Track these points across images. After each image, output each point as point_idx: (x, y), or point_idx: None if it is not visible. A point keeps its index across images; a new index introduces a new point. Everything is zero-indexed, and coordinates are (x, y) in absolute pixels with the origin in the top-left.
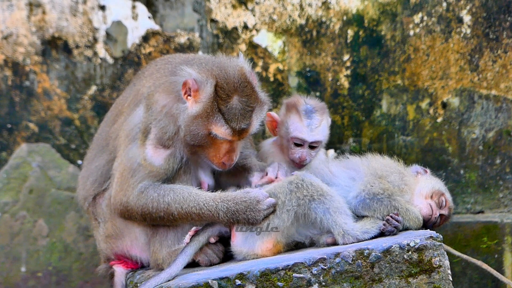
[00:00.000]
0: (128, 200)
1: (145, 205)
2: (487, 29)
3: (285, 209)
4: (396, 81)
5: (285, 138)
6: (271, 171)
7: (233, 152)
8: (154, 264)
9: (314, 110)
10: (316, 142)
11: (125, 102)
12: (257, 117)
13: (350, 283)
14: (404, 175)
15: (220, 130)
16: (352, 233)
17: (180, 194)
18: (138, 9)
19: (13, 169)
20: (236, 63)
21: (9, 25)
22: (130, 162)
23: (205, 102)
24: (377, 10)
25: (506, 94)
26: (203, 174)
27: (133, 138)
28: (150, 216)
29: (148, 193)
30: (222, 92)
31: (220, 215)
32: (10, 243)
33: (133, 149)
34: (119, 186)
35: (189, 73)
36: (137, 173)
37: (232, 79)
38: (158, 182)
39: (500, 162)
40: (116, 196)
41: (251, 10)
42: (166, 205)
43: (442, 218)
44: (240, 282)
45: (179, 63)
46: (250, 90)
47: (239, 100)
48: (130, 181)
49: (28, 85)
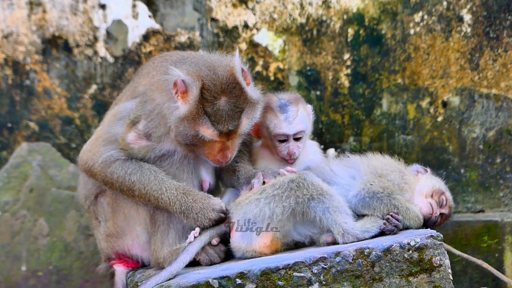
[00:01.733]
0: (94, 165)
1: (110, 178)
2: (488, 28)
3: (281, 204)
4: (397, 80)
5: (268, 138)
6: (256, 183)
7: (227, 150)
8: (155, 263)
9: (288, 102)
10: (299, 133)
11: (122, 97)
12: (248, 117)
13: (350, 282)
14: (404, 174)
15: (207, 132)
16: (352, 232)
17: (147, 175)
18: (138, 8)
19: (13, 168)
20: (227, 63)
21: (10, 24)
22: (109, 135)
23: (191, 104)
24: (378, 9)
25: (507, 93)
26: (204, 172)
27: (120, 118)
28: (111, 186)
29: (114, 169)
30: (208, 94)
31: (176, 206)
32: (10, 242)
33: (117, 127)
34: (89, 147)
35: (178, 75)
36: (110, 145)
37: (220, 80)
38: (125, 157)
39: (501, 161)
40: (84, 154)
41: (252, 9)
42: (131, 183)
43: (443, 217)
44: (241, 281)
45: (174, 62)
46: (238, 91)
47: (226, 101)
48: (100, 148)
49: (29, 84)
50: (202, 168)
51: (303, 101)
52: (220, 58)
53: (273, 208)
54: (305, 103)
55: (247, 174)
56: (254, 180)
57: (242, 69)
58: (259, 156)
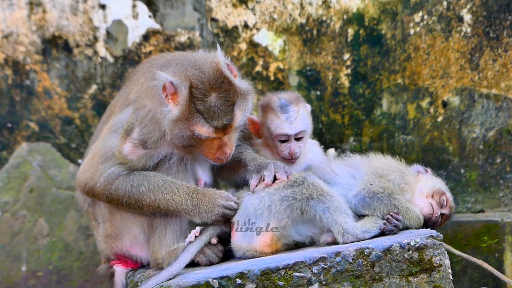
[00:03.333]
0: (95, 186)
1: (115, 195)
2: (488, 28)
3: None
4: (397, 80)
5: (269, 138)
6: (268, 176)
7: (226, 146)
8: (154, 264)
9: (289, 102)
10: (300, 133)
11: (116, 103)
12: (241, 109)
13: (350, 282)
14: (405, 174)
15: (203, 130)
16: (352, 232)
17: (155, 183)
18: (138, 8)
19: (13, 168)
20: (211, 59)
21: (10, 24)
22: (105, 150)
23: (183, 105)
24: (378, 9)
25: (507, 93)
26: (200, 171)
27: (114, 130)
28: (117, 203)
29: (119, 185)
30: (197, 93)
31: (188, 202)
32: (10, 242)
33: (112, 139)
34: (87, 167)
35: (165, 77)
36: (108, 161)
37: (207, 77)
38: (127, 171)
39: (501, 161)
40: (82, 174)
41: (252, 9)
42: (139, 194)
43: (443, 218)
44: (241, 281)
45: (160, 66)
46: (227, 85)
47: (217, 97)
48: (99, 166)
49: (29, 84)
50: (197, 167)
51: (304, 101)
52: (203, 55)
53: (272, 197)
54: (305, 102)
55: (256, 162)
56: (265, 173)
57: (226, 63)
58: (259, 155)
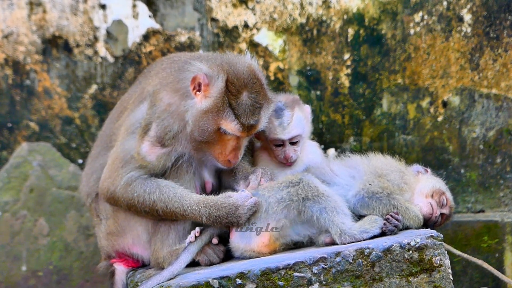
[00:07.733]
0: (116, 190)
1: (131, 199)
2: (488, 28)
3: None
4: (397, 80)
5: (266, 141)
6: (253, 180)
7: (239, 150)
8: (154, 263)
9: (284, 106)
10: (294, 138)
11: (130, 99)
12: (265, 114)
13: (350, 282)
14: (404, 174)
15: (230, 126)
16: (349, 233)
17: (166, 193)
18: (138, 8)
19: (13, 168)
20: (244, 60)
21: (10, 24)
22: (124, 153)
23: (216, 97)
24: (378, 9)
25: (507, 93)
26: (207, 173)
27: (132, 131)
28: (136, 209)
29: (134, 187)
30: (232, 88)
31: (203, 219)
32: (10, 242)
33: (130, 141)
34: (108, 173)
35: (200, 68)
36: (128, 165)
37: (242, 75)
38: (146, 175)
39: (501, 161)
40: (104, 182)
41: (252, 9)
42: (152, 202)
43: (443, 217)
44: (241, 281)
45: (186, 60)
46: (259, 86)
47: (248, 96)
48: (119, 171)
49: (29, 84)
50: (204, 169)
51: (300, 103)
52: (235, 56)
53: (268, 198)
54: (303, 104)
55: (245, 171)
56: (251, 176)
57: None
58: (258, 158)
